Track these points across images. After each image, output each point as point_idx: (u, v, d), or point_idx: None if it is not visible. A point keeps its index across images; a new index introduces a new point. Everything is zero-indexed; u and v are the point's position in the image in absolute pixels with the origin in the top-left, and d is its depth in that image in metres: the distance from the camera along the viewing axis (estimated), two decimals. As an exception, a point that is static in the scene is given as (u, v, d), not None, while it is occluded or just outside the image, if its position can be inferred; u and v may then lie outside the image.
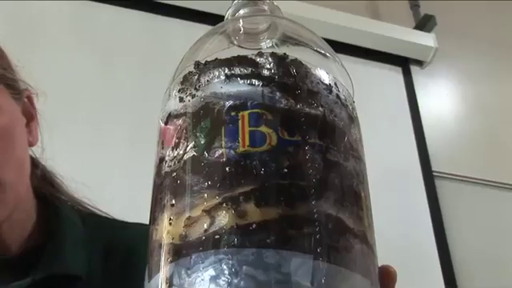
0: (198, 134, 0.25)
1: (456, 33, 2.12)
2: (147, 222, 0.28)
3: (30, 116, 0.57)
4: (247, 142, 0.24)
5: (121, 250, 0.58)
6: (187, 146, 0.25)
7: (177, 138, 0.26)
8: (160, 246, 0.24)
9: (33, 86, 0.58)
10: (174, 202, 0.25)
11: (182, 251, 0.23)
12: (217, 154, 0.24)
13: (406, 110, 1.97)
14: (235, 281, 0.21)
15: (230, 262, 0.22)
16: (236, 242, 0.22)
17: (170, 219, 0.24)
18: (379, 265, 0.27)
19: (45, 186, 0.59)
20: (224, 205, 0.23)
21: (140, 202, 0.42)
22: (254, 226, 0.23)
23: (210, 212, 0.23)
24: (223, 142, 0.24)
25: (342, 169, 0.25)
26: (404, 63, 2.03)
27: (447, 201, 1.85)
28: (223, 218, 0.23)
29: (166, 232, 0.24)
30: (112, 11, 1.63)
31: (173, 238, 0.24)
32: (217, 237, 0.23)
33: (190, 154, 0.25)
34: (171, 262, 0.23)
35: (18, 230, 0.53)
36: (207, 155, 0.24)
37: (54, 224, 0.55)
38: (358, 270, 0.24)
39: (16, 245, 0.52)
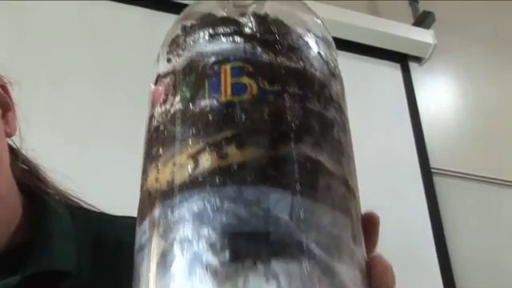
0: (183, 89, 0.27)
1: (455, 29, 2.13)
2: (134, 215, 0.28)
3: (6, 106, 0.55)
4: (229, 92, 0.25)
5: (109, 244, 0.57)
6: (174, 100, 0.27)
7: (165, 95, 0.28)
8: (149, 194, 0.26)
9: (5, 75, 0.57)
10: (161, 152, 0.26)
11: (168, 194, 0.24)
12: (201, 105, 0.26)
13: (405, 106, 1.97)
14: (217, 217, 0.23)
15: (212, 199, 0.23)
16: (218, 181, 0.23)
17: (158, 168, 0.26)
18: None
19: (30, 178, 0.57)
20: (207, 149, 0.24)
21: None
22: (234, 166, 0.24)
23: (194, 157, 0.24)
24: (207, 94, 0.26)
25: (321, 116, 0.26)
26: (402, 60, 2.03)
27: (445, 197, 1.85)
28: (206, 161, 0.24)
29: (154, 180, 0.26)
30: (111, 7, 1.64)
31: (160, 185, 0.25)
32: (200, 178, 0.24)
33: (177, 107, 0.26)
34: (158, 205, 0.25)
35: (3, 228, 0.51)
36: (192, 107, 0.26)
37: (41, 219, 0.54)
38: (338, 207, 0.25)
39: (1, 242, 0.51)
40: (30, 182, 0.57)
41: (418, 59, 2.05)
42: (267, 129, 0.24)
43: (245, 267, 0.22)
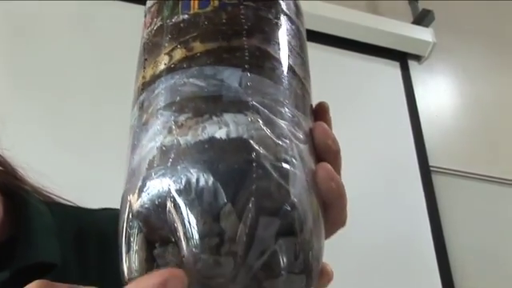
0: (164, 11, 0.34)
1: (454, 28, 2.16)
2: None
3: None
4: (196, 7, 0.32)
5: (92, 236, 0.60)
6: (157, 20, 0.34)
7: (150, 19, 0.35)
8: (138, 89, 0.32)
9: None
10: (146, 57, 0.33)
11: (150, 82, 0.31)
12: (176, 19, 0.33)
13: (404, 104, 1.99)
14: (184, 88, 0.29)
15: (180, 78, 0.30)
16: (185, 65, 0.30)
17: (145, 69, 0.32)
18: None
19: (7, 178, 0.59)
20: (178, 46, 0.31)
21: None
22: (198, 54, 0.30)
23: (169, 53, 0.31)
24: (180, 11, 0.33)
25: (271, 22, 0.33)
26: (402, 58, 2.06)
27: (444, 196, 1.86)
28: (177, 54, 0.31)
29: (141, 78, 0.32)
30: (112, 6, 1.67)
31: (145, 79, 0.32)
32: (172, 66, 0.30)
33: (158, 24, 0.33)
34: (143, 91, 0.31)
35: None
36: (169, 22, 0.33)
37: (22, 216, 0.55)
38: (282, 83, 0.31)
39: None
40: (7, 181, 0.59)
41: (417, 57, 2.07)
42: (224, 28, 0.31)
43: (203, 120, 0.28)
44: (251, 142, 0.26)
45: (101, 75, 1.55)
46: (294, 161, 0.27)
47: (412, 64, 2.07)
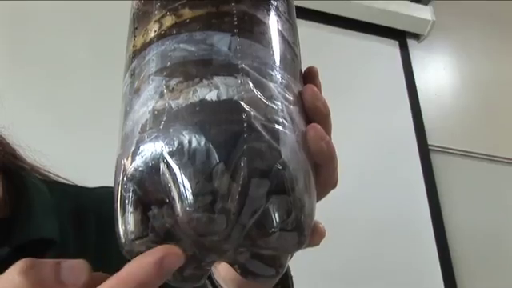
0: None
1: (454, 6, 2.14)
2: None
3: None
4: None
5: (90, 213, 0.60)
6: None
7: None
8: (129, 57, 0.32)
9: None
10: (137, 26, 0.33)
11: (141, 50, 0.31)
12: None
13: (403, 83, 1.99)
14: (174, 53, 0.30)
15: (171, 43, 0.30)
16: (175, 31, 0.30)
17: (135, 37, 0.33)
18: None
19: (5, 156, 0.59)
20: (168, 13, 0.31)
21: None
22: (188, 20, 0.31)
23: (159, 20, 0.32)
24: None
25: None
26: (401, 36, 2.05)
27: (443, 175, 1.87)
28: (167, 21, 0.31)
29: (132, 47, 0.33)
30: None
31: (136, 47, 0.32)
32: (162, 32, 0.31)
33: None
34: (134, 59, 0.32)
35: None
36: None
37: (21, 193, 0.56)
38: (271, 47, 0.31)
39: None
40: (6, 159, 0.59)
41: (416, 36, 2.07)
42: None
43: (194, 83, 0.28)
44: (242, 103, 0.27)
45: (98, 53, 1.54)
46: (284, 122, 0.28)
47: (411, 43, 2.06)
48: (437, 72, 2.09)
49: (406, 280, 1.61)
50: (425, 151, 1.89)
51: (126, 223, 0.28)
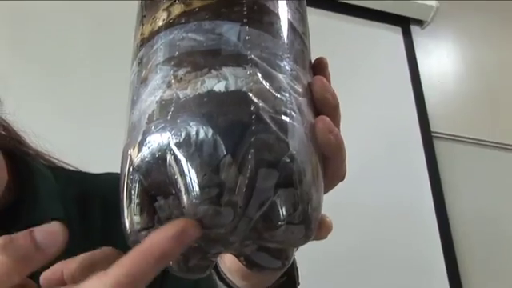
0: None
1: (457, -8, 2.12)
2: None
3: None
4: None
5: (95, 199, 0.60)
6: None
7: None
8: (137, 45, 0.32)
9: None
10: (144, 14, 0.33)
11: (149, 38, 0.31)
12: None
13: (406, 70, 1.98)
14: (182, 43, 0.29)
15: (179, 33, 0.29)
16: (184, 20, 0.30)
17: (143, 25, 0.32)
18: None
19: (10, 142, 0.59)
20: (177, 1, 0.31)
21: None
22: (196, 9, 0.30)
23: (167, 9, 0.31)
24: None
25: None
26: (404, 23, 2.04)
27: (446, 161, 1.86)
28: (176, 10, 0.31)
29: (139, 35, 0.32)
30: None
31: (144, 35, 0.31)
32: (171, 21, 0.30)
33: None
34: (142, 48, 0.31)
35: None
36: None
37: (26, 179, 0.56)
38: (280, 37, 0.30)
39: None
40: (11, 145, 0.59)
41: (420, 22, 2.05)
42: None
43: (202, 73, 0.28)
44: (250, 94, 0.27)
45: (100, 40, 1.54)
46: (292, 113, 0.27)
47: (414, 29, 2.04)
48: (440, 59, 2.08)
49: (408, 266, 1.62)
50: (428, 138, 1.88)
51: (132, 214, 0.27)
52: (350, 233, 1.51)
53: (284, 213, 0.26)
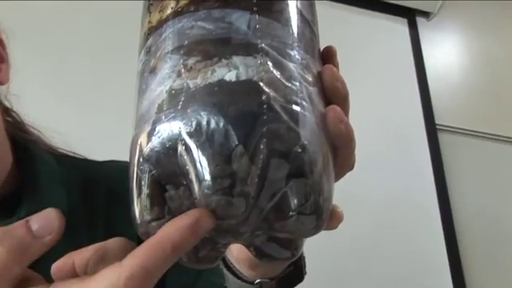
0: None
1: (464, -17, 2.11)
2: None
3: (0, 58, 0.58)
4: None
5: (99, 186, 0.60)
6: None
7: None
8: (144, 34, 0.32)
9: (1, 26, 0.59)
10: (152, 2, 0.32)
11: (157, 27, 0.31)
12: None
13: (411, 62, 1.97)
14: (192, 31, 0.29)
15: (188, 21, 0.29)
16: (193, 9, 0.29)
17: (150, 13, 0.32)
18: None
19: (13, 129, 0.59)
20: None
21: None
22: None
23: None
24: None
25: None
26: (410, 14, 2.03)
27: (450, 154, 1.86)
28: None
29: (147, 23, 0.32)
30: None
31: (152, 24, 0.31)
32: (179, 9, 0.30)
33: None
34: (150, 36, 0.31)
35: None
36: None
37: (29, 166, 0.56)
38: (290, 26, 0.30)
39: None
40: (14, 132, 0.59)
41: (425, 14, 2.04)
42: None
43: (212, 63, 0.27)
44: (261, 84, 0.26)
45: (101, 27, 1.53)
46: (303, 103, 0.27)
47: (420, 21, 2.03)
48: (446, 51, 2.07)
49: (411, 258, 1.62)
50: (432, 130, 1.88)
51: (142, 204, 0.27)
52: (352, 225, 1.51)
53: (295, 203, 0.26)
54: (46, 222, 0.26)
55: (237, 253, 0.41)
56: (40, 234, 0.25)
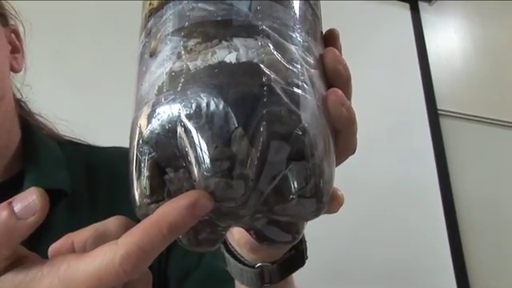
0: None
1: (466, -33, 2.09)
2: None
3: (15, 48, 0.59)
4: None
5: (102, 171, 0.61)
6: None
7: None
8: (145, 16, 0.31)
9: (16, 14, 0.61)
10: None
11: (158, 9, 0.30)
12: None
13: (413, 47, 1.96)
14: (192, 13, 0.28)
15: (188, 2, 0.29)
16: None
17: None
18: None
19: (26, 118, 0.62)
20: None
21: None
22: None
23: None
24: None
25: None
26: (412, -1, 2.01)
27: (451, 139, 1.86)
28: None
29: (148, 5, 0.31)
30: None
31: (153, 7, 0.31)
32: None
33: None
34: (150, 18, 0.30)
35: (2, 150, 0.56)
36: None
37: (31, 148, 0.57)
38: (293, 8, 0.30)
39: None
40: (25, 121, 0.61)
41: (427, -2, 2.02)
42: None
43: (213, 44, 0.27)
44: (261, 66, 0.26)
45: (106, 11, 1.52)
46: (304, 85, 0.27)
47: (422, 5, 2.02)
48: (448, 36, 2.05)
49: (412, 242, 1.63)
50: (434, 116, 1.88)
51: (142, 187, 0.27)
52: (353, 209, 1.51)
53: (296, 186, 0.26)
54: (28, 202, 0.25)
55: (238, 236, 0.41)
56: (23, 216, 0.25)
